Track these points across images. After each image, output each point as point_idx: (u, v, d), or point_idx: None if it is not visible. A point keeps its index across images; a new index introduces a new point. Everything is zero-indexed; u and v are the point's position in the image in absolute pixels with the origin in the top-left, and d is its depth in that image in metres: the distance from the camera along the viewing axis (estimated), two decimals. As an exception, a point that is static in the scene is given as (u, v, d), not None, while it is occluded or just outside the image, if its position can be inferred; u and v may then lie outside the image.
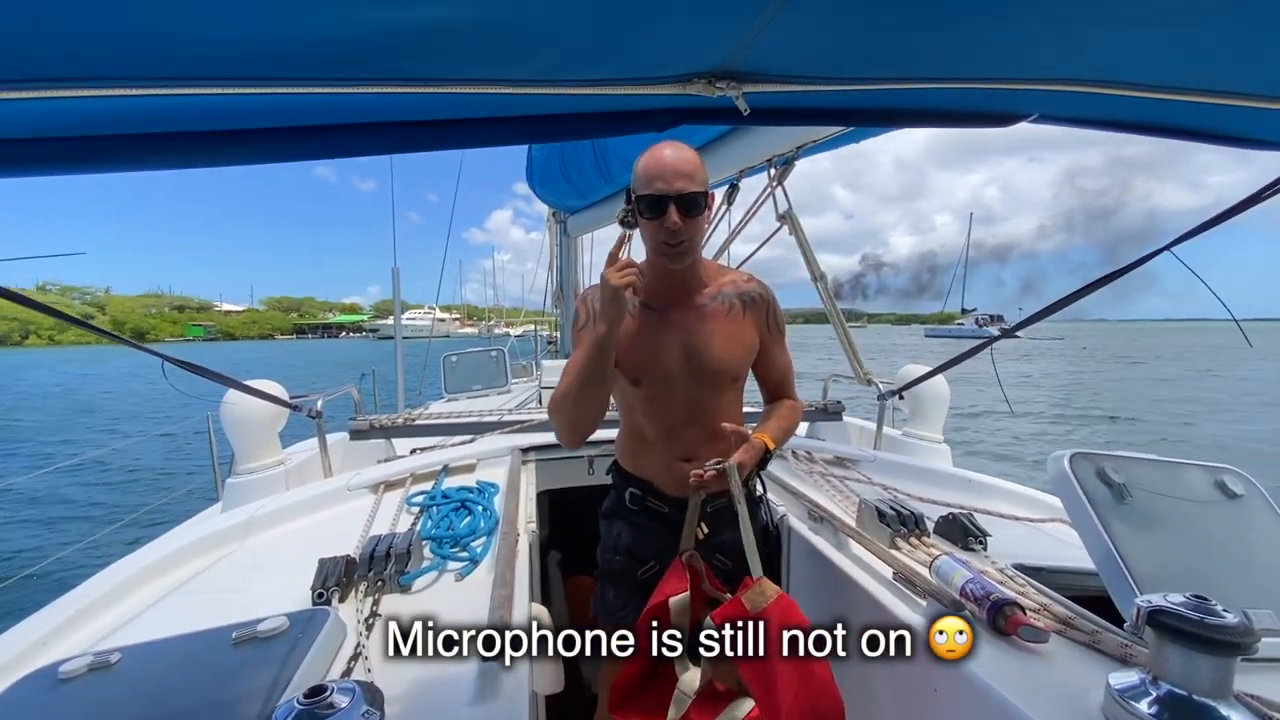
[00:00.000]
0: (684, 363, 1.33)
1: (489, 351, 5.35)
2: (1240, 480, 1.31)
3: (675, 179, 1.19)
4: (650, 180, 1.21)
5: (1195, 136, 1.26)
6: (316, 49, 0.88)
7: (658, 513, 1.42)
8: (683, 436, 1.38)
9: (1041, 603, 1.23)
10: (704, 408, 1.36)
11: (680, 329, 1.34)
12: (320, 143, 1.21)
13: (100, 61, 0.83)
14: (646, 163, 1.23)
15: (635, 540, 1.44)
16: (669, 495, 1.41)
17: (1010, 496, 1.97)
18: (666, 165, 1.20)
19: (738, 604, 1.16)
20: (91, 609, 1.27)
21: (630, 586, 1.44)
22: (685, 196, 1.19)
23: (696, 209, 1.22)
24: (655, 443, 1.40)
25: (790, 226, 2.60)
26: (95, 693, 0.91)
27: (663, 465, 1.40)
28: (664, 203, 1.19)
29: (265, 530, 1.70)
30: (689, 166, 1.21)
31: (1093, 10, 0.85)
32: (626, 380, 1.35)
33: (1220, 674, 0.78)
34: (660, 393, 1.35)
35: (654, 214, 1.21)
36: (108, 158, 1.08)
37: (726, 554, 1.41)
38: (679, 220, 1.20)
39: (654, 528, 1.43)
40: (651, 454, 1.42)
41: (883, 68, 1.09)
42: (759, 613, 1.12)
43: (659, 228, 1.22)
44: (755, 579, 1.17)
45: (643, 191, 1.21)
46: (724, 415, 1.38)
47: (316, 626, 1.06)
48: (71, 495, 7.69)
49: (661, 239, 1.23)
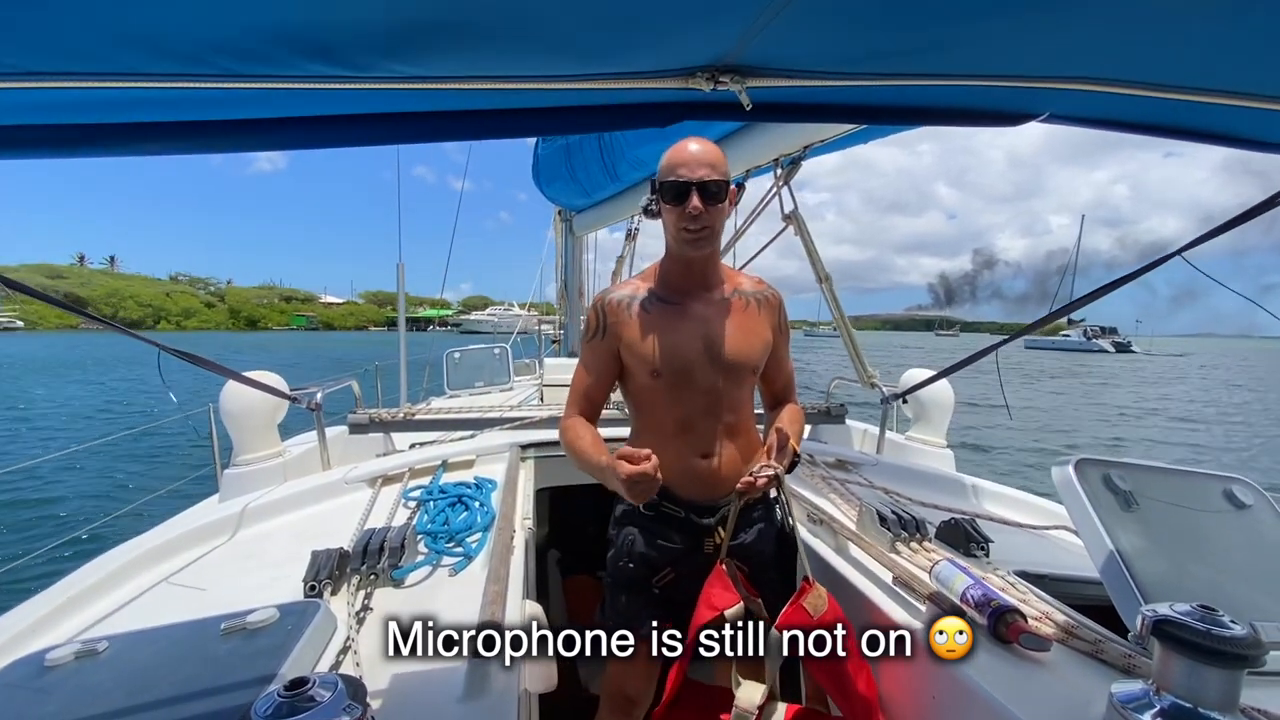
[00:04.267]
0: (704, 353, 1.33)
1: (492, 348, 5.34)
2: (1249, 491, 1.28)
3: (698, 167, 1.24)
4: (674, 168, 1.26)
5: (1208, 139, 1.24)
6: (331, 44, 0.89)
7: (673, 518, 1.38)
8: (701, 429, 1.36)
9: (1043, 610, 1.21)
10: (722, 399, 1.35)
11: (700, 320, 1.35)
12: (331, 133, 1.23)
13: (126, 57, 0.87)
14: (671, 154, 1.28)
15: (650, 547, 1.39)
16: (685, 499, 1.37)
17: (1013, 503, 1.94)
18: (690, 154, 1.26)
19: (800, 609, 1.15)
20: (82, 597, 1.27)
21: (645, 594, 1.40)
22: (707, 183, 1.24)
23: (717, 197, 1.26)
24: (672, 438, 1.36)
25: (796, 227, 2.58)
26: (80, 681, 0.90)
27: (680, 465, 1.36)
28: (687, 188, 1.24)
29: (260, 522, 1.69)
30: (711, 157, 1.26)
31: (1106, 7, 0.83)
32: (646, 374, 1.34)
33: (1226, 687, 0.76)
34: (680, 383, 1.33)
35: (676, 200, 1.25)
36: (123, 142, 1.13)
37: (742, 557, 1.38)
38: (700, 205, 1.24)
39: (669, 534, 1.38)
40: (668, 452, 1.34)
41: (889, 64, 1.07)
42: (821, 617, 1.13)
43: (681, 213, 1.26)
44: (811, 583, 1.17)
45: (666, 179, 1.26)
46: (740, 409, 1.39)
47: (307, 619, 1.05)
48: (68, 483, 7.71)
49: (683, 224, 1.27)
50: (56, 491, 7.23)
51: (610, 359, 1.36)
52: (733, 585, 1.26)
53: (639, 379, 1.35)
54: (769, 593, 1.32)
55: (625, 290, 1.40)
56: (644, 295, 1.37)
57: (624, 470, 1.12)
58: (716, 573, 1.27)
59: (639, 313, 1.35)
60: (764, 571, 1.38)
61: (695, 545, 1.37)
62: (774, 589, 1.35)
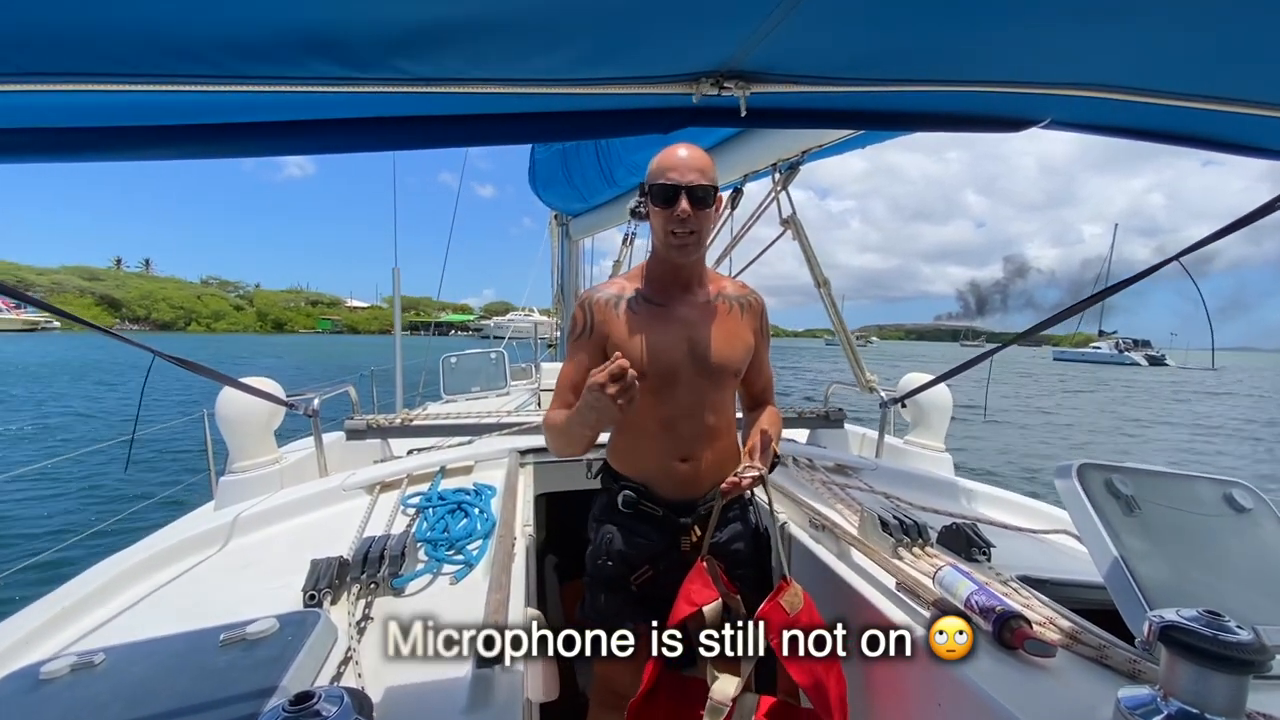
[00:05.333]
0: (688, 355, 1.35)
1: (488, 353, 5.32)
2: (1248, 494, 1.29)
3: (688, 171, 1.26)
4: (664, 171, 1.28)
5: (1210, 145, 1.25)
6: (334, 42, 0.88)
7: (651, 516, 1.40)
8: (682, 431, 1.38)
9: (1047, 616, 1.21)
10: (704, 402, 1.38)
11: (684, 323, 1.37)
12: (332, 139, 1.22)
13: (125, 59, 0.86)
14: (661, 158, 1.30)
15: (628, 545, 1.41)
16: (664, 498, 1.40)
17: (1012, 507, 1.95)
18: (680, 159, 1.28)
19: (777, 607, 1.17)
20: (77, 608, 1.25)
21: (623, 593, 1.42)
22: (696, 188, 1.26)
23: (705, 202, 1.28)
24: (653, 439, 1.39)
25: (794, 232, 2.59)
26: (76, 694, 0.89)
27: (660, 466, 1.39)
28: (676, 192, 1.26)
29: (257, 530, 1.68)
30: (701, 163, 1.29)
31: (1108, 14, 0.84)
32: None
33: (1233, 692, 0.76)
34: (665, 384, 1.35)
35: (665, 202, 1.27)
36: (119, 147, 1.12)
37: (717, 555, 1.40)
38: (689, 208, 1.26)
39: (647, 532, 1.41)
40: (649, 452, 1.41)
41: (892, 69, 1.08)
42: (797, 615, 1.16)
43: (669, 216, 1.27)
44: (789, 581, 1.19)
45: (655, 181, 1.28)
46: (722, 412, 1.42)
47: (307, 629, 1.04)
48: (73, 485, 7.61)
49: (671, 227, 1.29)
50: (41, 502, 7.13)
51: (596, 357, 1.37)
52: (712, 582, 1.29)
53: None
54: (744, 589, 1.36)
55: (612, 289, 1.41)
56: (630, 295, 1.39)
57: (597, 379, 1.12)
58: (697, 569, 1.30)
59: (626, 313, 1.37)
60: (738, 568, 1.41)
61: (673, 543, 1.40)
62: (749, 585, 1.39)
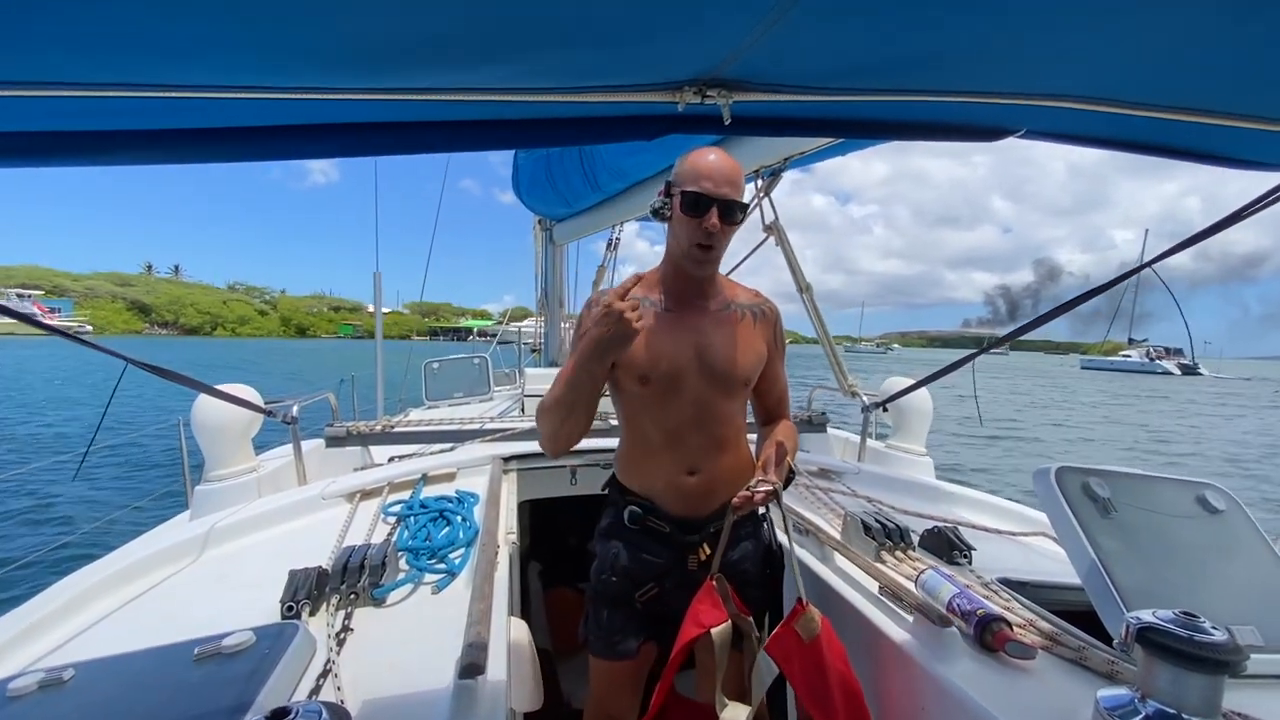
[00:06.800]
0: (695, 362, 1.30)
1: (471, 358, 5.28)
2: (1221, 496, 1.32)
3: (723, 183, 1.20)
4: (698, 178, 1.21)
5: (1183, 155, 1.28)
6: (314, 59, 0.88)
7: (658, 532, 1.35)
8: (689, 442, 1.32)
9: (1027, 618, 1.22)
10: (711, 411, 1.32)
11: (694, 331, 1.32)
12: (308, 144, 1.20)
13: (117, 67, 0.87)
14: (696, 161, 1.23)
15: (633, 561, 1.36)
16: (671, 515, 1.34)
17: (993, 510, 1.97)
18: (716, 168, 1.21)
19: (791, 632, 1.13)
20: (46, 622, 1.21)
21: (627, 609, 1.38)
22: (729, 203, 1.21)
23: (733, 219, 1.23)
24: (660, 451, 1.33)
25: (777, 237, 2.61)
26: (45, 711, 0.86)
27: (667, 480, 1.34)
28: (708, 203, 1.20)
29: (234, 539, 1.64)
30: (735, 175, 1.23)
31: (1083, 26, 0.86)
32: (634, 380, 1.30)
33: (1209, 692, 0.78)
34: (668, 392, 1.30)
35: (695, 212, 1.21)
36: (115, 151, 1.12)
37: (725, 574, 1.33)
38: (718, 223, 1.20)
39: (653, 548, 1.36)
40: (655, 466, 1.35)
41: (872, 80, 1.09)
42: (814, 640, 1.11)
43: (697, 227, 1.22)
44: (805, 605, 1.14)
45: (688, 187, 1.21)
46: (731, 423, 1.35)
47: (285, 642, 1.02)
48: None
49: (697, 240, 1.23)
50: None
51: None
52: (721, 602, 1.24)
53: (628, 385, 1.32)
54: (755, 611, 1.32)
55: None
56: (640, 299, 1.33)
57: (606, 300, 1.10)
58: (706, 589, 1.25)
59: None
60: (746, 589, 1.35)
61: (679, 560, 1.34)
62: (758, 606, 1.35)
